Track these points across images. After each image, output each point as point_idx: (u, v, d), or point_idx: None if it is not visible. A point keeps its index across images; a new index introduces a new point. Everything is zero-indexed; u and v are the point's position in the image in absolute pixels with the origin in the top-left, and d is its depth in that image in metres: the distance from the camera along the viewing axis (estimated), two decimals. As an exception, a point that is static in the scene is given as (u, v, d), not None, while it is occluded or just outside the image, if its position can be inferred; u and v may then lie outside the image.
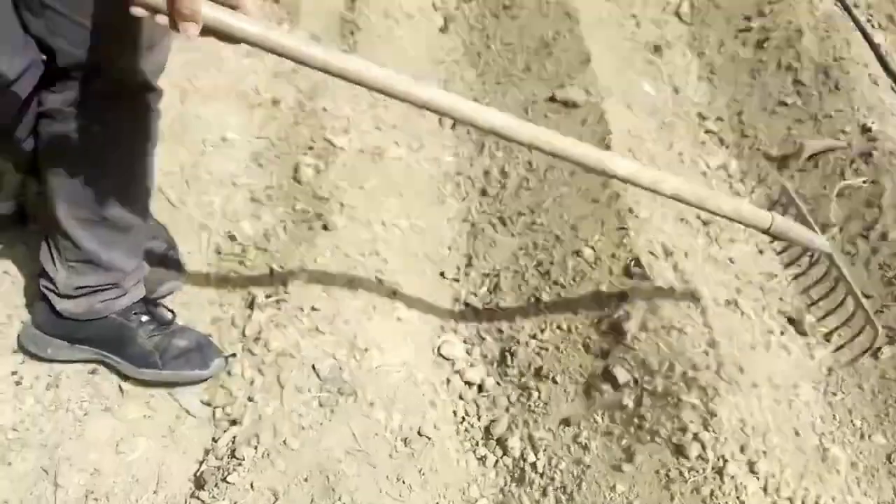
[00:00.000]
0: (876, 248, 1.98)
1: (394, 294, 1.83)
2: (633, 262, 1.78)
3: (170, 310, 1.71)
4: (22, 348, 1.65)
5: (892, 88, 2.45)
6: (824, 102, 2.36)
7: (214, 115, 2.25)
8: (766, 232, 1.61)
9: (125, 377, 1.64)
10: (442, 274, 2.00)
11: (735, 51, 2.69)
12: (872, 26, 2.88)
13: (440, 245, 2.07)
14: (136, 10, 1.08)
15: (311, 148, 2.14)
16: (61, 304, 1.59)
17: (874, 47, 2.59)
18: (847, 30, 2.63)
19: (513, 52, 2.57)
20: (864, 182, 2.09)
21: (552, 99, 2.30)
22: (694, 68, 2.71)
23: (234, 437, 1.56)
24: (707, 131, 2.46)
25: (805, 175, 2.24)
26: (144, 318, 1.65)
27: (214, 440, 1.58)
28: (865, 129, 2.22)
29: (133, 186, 1.55)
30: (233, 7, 1.12)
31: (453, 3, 2.89)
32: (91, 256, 1.54)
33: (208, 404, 1.63)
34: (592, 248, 1.86)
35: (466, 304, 1.92)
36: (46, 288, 1.59)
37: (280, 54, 1.20)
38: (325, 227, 1.89)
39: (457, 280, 1.99)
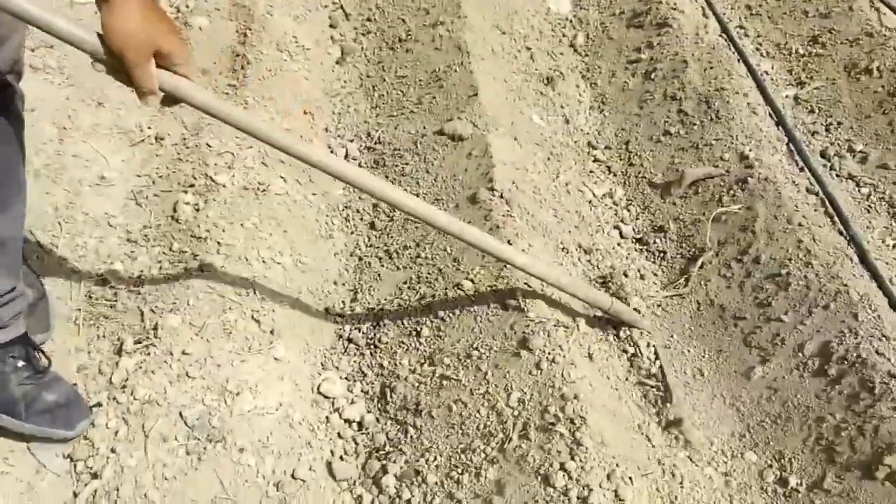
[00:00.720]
0: (749, 272, 2.03)
1: (271, 333, 1.80)
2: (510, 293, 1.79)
3: (47, 357, 1.60)
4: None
5: (770, 116, 2.54)
6: (706, 131, 2.43)
7: (94, 153, 2.19)
8: (606, 312, 1.88)
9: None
10: (326, 310, 1.98)
11: (625, 81, 2.76)
12: (762, 55, 3.00)
13: (325, 280, 2.05)
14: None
15: (191, 185, 2.09)
16: None
17: (755, 77, 2.69)
18: (730, 60, 2.72)
19: (406, 84, 2.58)
20: (739, 209, 2.15)
21: (440, 132, 2.31)
22: (586, 98, 2.77)
23: (95, 492, 1.50)
24: (595, 160, 2.51)
25: (685, 201, 2.29)
26: (21, 363, 1.54)
27: (75, 495, 1.52)
28: (743, 157, 2.30)
29: (10, 195, 1.44)
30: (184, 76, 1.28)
31: (351, 35, 2.89)
32: None
33: (69, 458, 1.57)
34: (472, 280, 1.87)
35: (350, 340, 1.90)
36: None
37: (226, 122, 1.38)
38: (200, 268, 1.85)
39: (341, 315, 1.97)
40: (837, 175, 2.46)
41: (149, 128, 2.31)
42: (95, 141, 2.24)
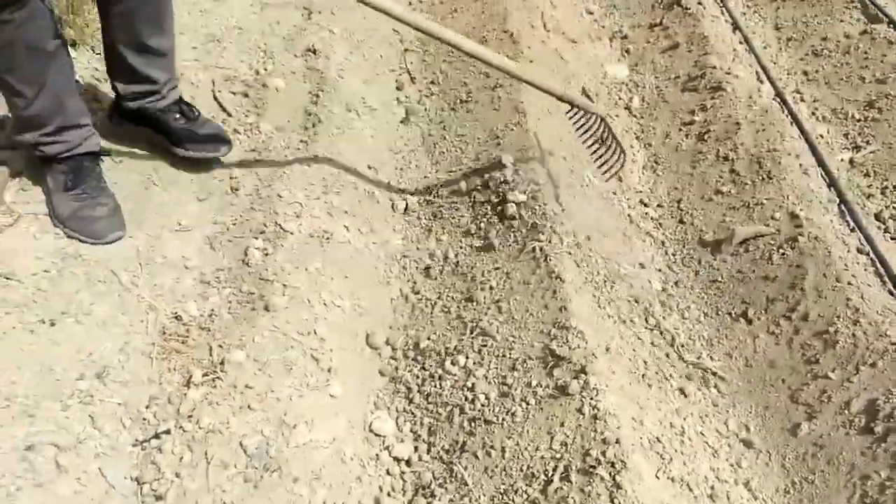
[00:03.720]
0: (798, 328, 2.05)
1: (328, 371, 1.91)
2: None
3: (195, 109, 2.44)
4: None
5: (822, 177, 2.57)
6: (757, 190, 2.47)
7: (174, 202, 2.37)
8: (560, 98, 2.29)
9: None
10: (380, 352, 2.08)
11: (678, 142, 2.83)
12: (817, 119, 3.04)
13: (382, 324, 2.16)
14: None
15: (262, 232, 2.25)
16: (125, 104, 2.35)
17: (808, 139, 2.73)
18: (783, 123, 2.77)
19: (465, 142, 2.72)
20: (790, 266, 2.18)
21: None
22: (640, 158, 2.85)
23: (159, 512, 1.61)
24: (650, 217, 2.58)
25: (736, 258, 2.33)
26: (177, 115, 2.40)
27: (141, 514, 1.63)
28: (794, 216, 2.33)
29: (162, 22, 2.22)
30: None
31: (416, 97, 3.06)
32: (139, 74, 2.26)
33: (136, 480, 1.69)
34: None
35: (401, 381, 1.99)
36: (115, 93, 2.36)
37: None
38: (266, 308, 1.98)
39: (394, 358, 2.07)
40: (892, 238, 2.46)
41: (226, 178, 2.49)
42: (177, 191, 2.43)
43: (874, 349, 1.89)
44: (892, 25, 3.34)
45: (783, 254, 2.24)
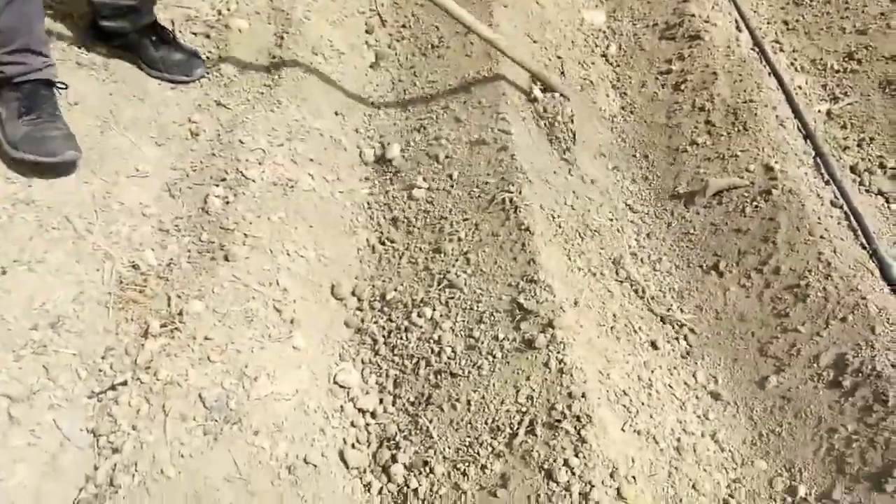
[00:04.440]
0: (769, 282, 2.03)
1: (291, 323, 1.85)
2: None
3: (172, 33, 2.54)
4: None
5: (798, 129, 2.53)
6: (732, 142, 2.43)
7: (132, 146, 2.28)
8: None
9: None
10: (346, 303, 2.03)
11: (654, 91, 2.77)
12: (796, 69, 2.99)
13: (347, 275, 2.10)
14: None
15: (223, 179, 2.17)
16: (102, 23, 2.42)
17: (786, 90, 2.68)
18: (761, 73, 2.72)
19: (435, 88, 2.63)
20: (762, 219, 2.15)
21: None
22: (615, 108, 2.79)
23: (114, 466, 1.56)
24: (615, 168, 2.53)
25: (709, 210, 2.30)
26: (154, 38, 2.46)
27: (95, 468, 1.58)
28: (768, 169, 2.29)
29: None
30: None
31: (386, 41, 2.96)
32: None
33: (92, 433, 1.64)
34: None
35: (367, 333, 1.95)
36: (92, 10, 2.41)
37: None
38: (226, 258, 1.92)
39: (360, 309, 2.02)
40: (867, 191, 2.44)
41: (186, 123, 2.39)
42: (134, 133, 2.33)
43: (845, 303, 1.87)
44: (874, -25, 3.27)
45: (756, 206, 2.21)
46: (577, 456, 1.51)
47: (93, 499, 1.53)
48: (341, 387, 1.84)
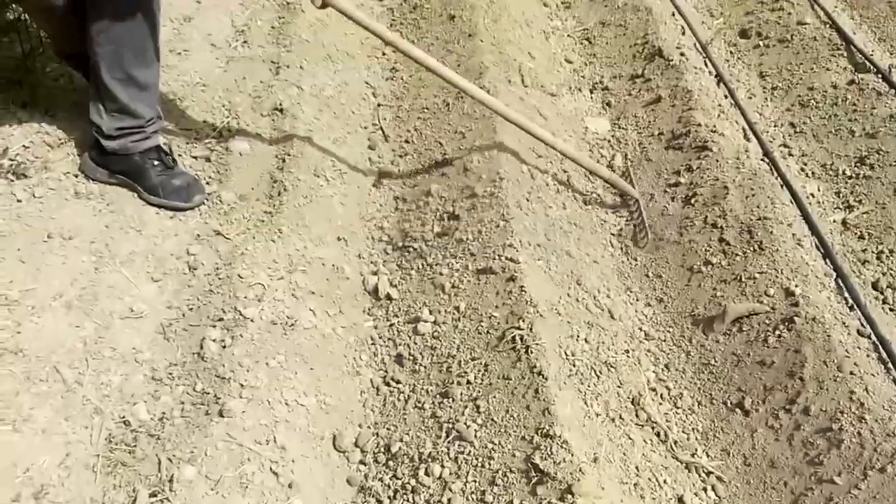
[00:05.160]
0: (799, 424, 1.91)
1: (289, 487, 1.74)
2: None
3: (173, 158, 2.51)
4: (81, 171, 2.45)
5: (817, 247, 2.44)
6: (749, 263, 2.34)
7: (127, 283, 2.21)
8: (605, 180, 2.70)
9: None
10: (348, 457, 1.91)
11: (664, 205, 2.70)
12: (807, 175, 2.93)
13: (350, 422, 1.99)
14: None
15: (220, 319, 2.08)
16: (106, 143, 2.39)
17: (800, 204, 2.61)
18: (773, 186, 2.65)
19: (440, 211, 2.56)
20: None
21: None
22: (625, 223, 2.71)
23: None
24: (627, 290, 2.44)
25: (729, 338, 2.19)
26: (156, 162, 2.44)
27: None
28: (789, 293, 2.20)
29: (147, 53, 2.34)
30: None
31: (389, 157, 2.92)
32: (124, 106, 2.35)
33: None
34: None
35: (370, 492, 1.82)
36: (96, 132, 2.39)
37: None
38: (220, 414, 1.81)
39: (364, 463, 1.90)
40: (892, 309, 2.34)
41: (184, 256, 2.32)
42: (130, 270, 2.26)
43: (882, 451, 1.74)
44: (880, 75, 3.24)
45: (779, 336, 2.10)
46: None
47: None
48: (344, 555, 1.71)
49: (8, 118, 2.56)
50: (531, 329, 1.98)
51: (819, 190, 2.86)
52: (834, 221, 2.71)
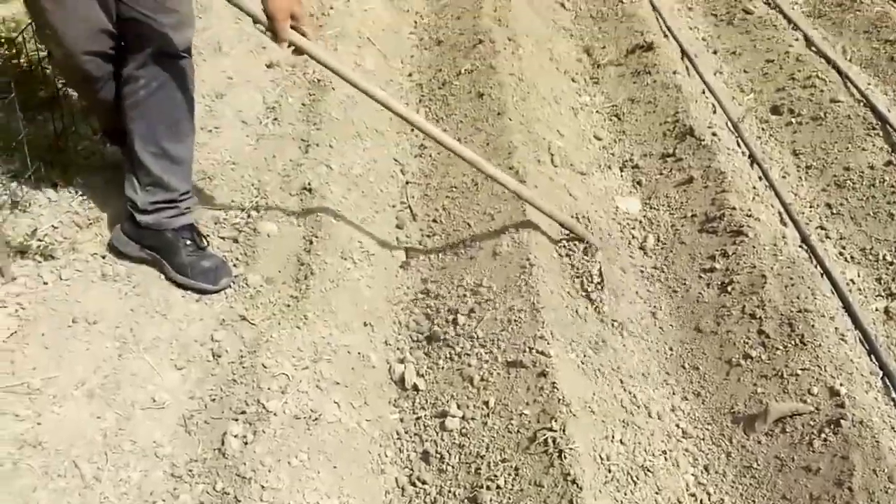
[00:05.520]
0: (851, 541, 1.80)
1: None
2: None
3: (206, 238, 2.52)
4: (111, 247, 2.47)
5: (861, 342, 2.35)
6: (790, 358, 2.25)
7: (150, 371, 2.17)
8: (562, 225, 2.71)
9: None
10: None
11: (699, 292, 2.63)
12: (846, 259, 2.85)
13: (374, 528, 1.91)
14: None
15: (242, 412, 2.02)
16: (141, 217, 2.40)
17: (842, 295, 2.53)
18: (813, 275, 2.58)
19: (468, 295, 2.51)
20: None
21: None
22: (661, 308, 2.64)
23: None
24: (665, 382, 2.35)
25: (771, 439, 2.09)
26: (188, 241, 2.43)
27: None
28: (833, 393, 2.10)
29: (180, 127, 2.40)
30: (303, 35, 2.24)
31: (417, 237, 2.88)
32: (157, 179, 2.37)
33: None
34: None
35: None
36: (131, 206, 2.41)
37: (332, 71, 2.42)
38: (239, 521, 1.74)
39: (388, 575, 1.81)
40: (942, 408, 2.23)
41: (207, 343, 2.29)
42: (154, 356, 2.23)
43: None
44: (917, 157, 3.18)
45: (825, 440, 2.00)
46: None
47: None
48: None
49: (38, 198, 2.58)
50: (564, 431, 1.90)
51: (859, 276, 2.78)
52: (876, 310, 2.61)
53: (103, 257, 2.49)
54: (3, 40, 3.04)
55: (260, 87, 3.49)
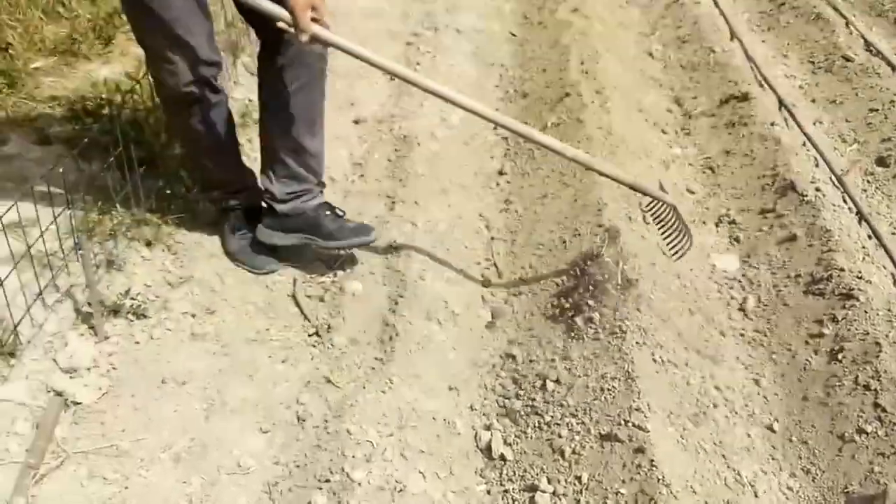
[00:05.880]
0: None
1: None
2: None
3: (341, 210, 2.74)
4: (257, 243, 2.73)
5: None
6: (912, 438, 2.06)
7: (237, 434, 2.16)
8: (632, 187, 2.67)
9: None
10: None
11: (806, 359, 2.46)
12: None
13: None
14: (281, 25, 2.23)
15: (327, 481, 1.98)
16: (279, 207, 2.63)
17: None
18: (934, 342, 2.37)
19: (556, 361, 2.42)
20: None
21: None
22: (764, 376, 2.48)
23: None
24: (771, 458, 2.19)
25: (896, 531, 1.90)
26: (328, 212, 2.68)
27: None
28: (966, 478, 1.90)
29: (316, 124, 2.60)
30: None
31: (503, 296, 2.82)
32: (294, 172, 2.60)
33: None
34: None
35: None
36: (269, 199, 2.65)
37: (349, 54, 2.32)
38: None
39: None
40: None
41: (293, 405, 2.26)
42: (240, 419, 2.22)
43: None
44: None
45: (961, 534, 1.80)
46: None
47: None
48: None
49: (132, 256, 2.64)
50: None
51: None
52: None
53: (193, 316, 2.52)
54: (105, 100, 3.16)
55: (348, 143, 3.54)
